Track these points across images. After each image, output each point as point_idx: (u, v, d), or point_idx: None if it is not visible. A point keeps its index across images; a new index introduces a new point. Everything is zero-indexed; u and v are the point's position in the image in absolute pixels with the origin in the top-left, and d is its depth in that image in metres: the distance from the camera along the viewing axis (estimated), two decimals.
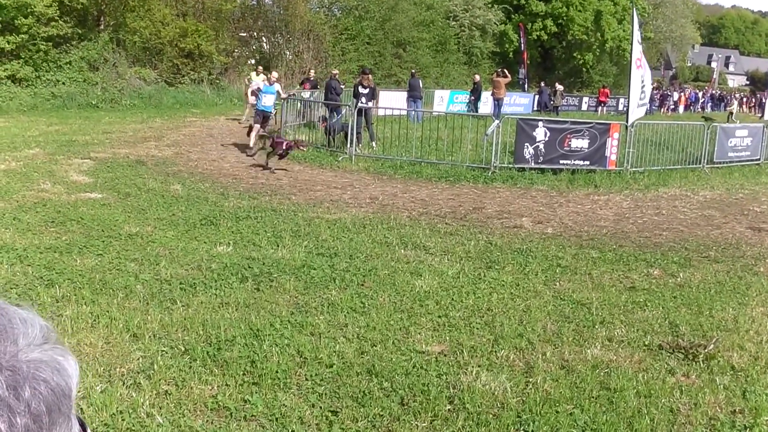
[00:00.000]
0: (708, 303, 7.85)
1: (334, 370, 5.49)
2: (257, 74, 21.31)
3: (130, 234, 9.14)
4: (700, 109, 58.95)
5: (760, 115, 46.77)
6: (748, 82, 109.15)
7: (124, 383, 5.08)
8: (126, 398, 4.88)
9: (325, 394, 5.13)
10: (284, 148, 15.38)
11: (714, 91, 73.68)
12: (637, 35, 17.83)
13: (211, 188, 12.72)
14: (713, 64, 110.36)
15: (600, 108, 43.70)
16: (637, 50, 17.61)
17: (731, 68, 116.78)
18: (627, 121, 17.54)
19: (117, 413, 4.68)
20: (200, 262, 8.09)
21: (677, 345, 6.46)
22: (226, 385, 5.15)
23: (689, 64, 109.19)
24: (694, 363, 6.13)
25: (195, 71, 31.49)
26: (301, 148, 15.89)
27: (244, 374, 5.34)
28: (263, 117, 18.14)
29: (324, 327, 6.36)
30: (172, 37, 31.08)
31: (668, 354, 6.30)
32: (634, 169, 17.03)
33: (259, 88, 19.28)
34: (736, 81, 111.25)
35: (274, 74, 19.68)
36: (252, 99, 20.16)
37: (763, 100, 38.94)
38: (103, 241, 8.73)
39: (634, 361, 6.08)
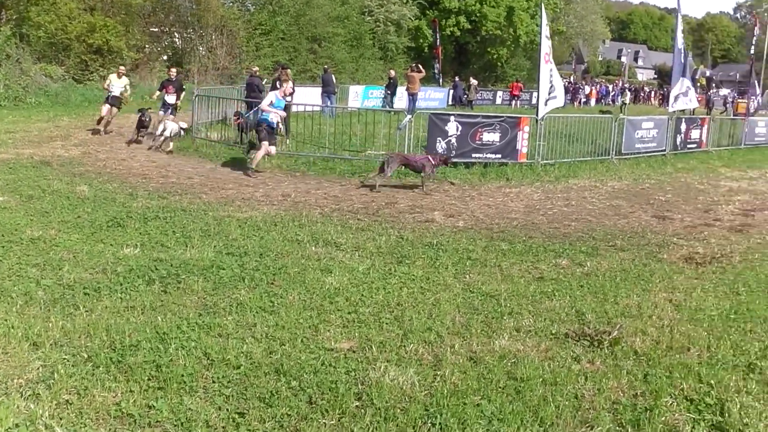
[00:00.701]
0: (613, 290, 8.03)
1: (241, 371, 5.42)
2: (118, 76, 19.75)
3: (32, 238, 8.86)
4: (610, 102, 60.35)
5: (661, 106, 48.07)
6: (656, 76, 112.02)
7: (21, 395, 4.90)
8: (24, 410, 4.71)
9: (232, 396, 5.06)
10: (437, 162, 14.63)
11: (624, 85, 75.37)
12: (545, 31, 18.10)
13: (119, 189, 12.46)
14: (623, 59, 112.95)
15: (513, 102, 44.32)
16: (546, 45, 17.89)
17: (640, 62, 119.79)
18: (537, 115, 17.82)
19: (13, 427, 4.52)
20: (105, 266, 7.90)
21: (583, 333, 6.57)
22: (130, 391, 5.03)
23: (600, 59, 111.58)
24: (599, 349, 6.25)
25: (104, 67, 30.70)
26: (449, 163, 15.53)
27: (149, 379, 5.22)
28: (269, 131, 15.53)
29: (232, 327, 6.28)
30: (79, 33, 30.34)
31: (574, 342, 6.41)
32: (544, 162, 17.33)
33: (122, 93, 19.32)
34: (645, 74, 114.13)
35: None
36: (104, 109, 19.44)
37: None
38: (3, 246, 8.43)
39: (541, 351, 6.16)
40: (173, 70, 20.05)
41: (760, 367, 6.12)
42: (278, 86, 18.90)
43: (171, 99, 18.70)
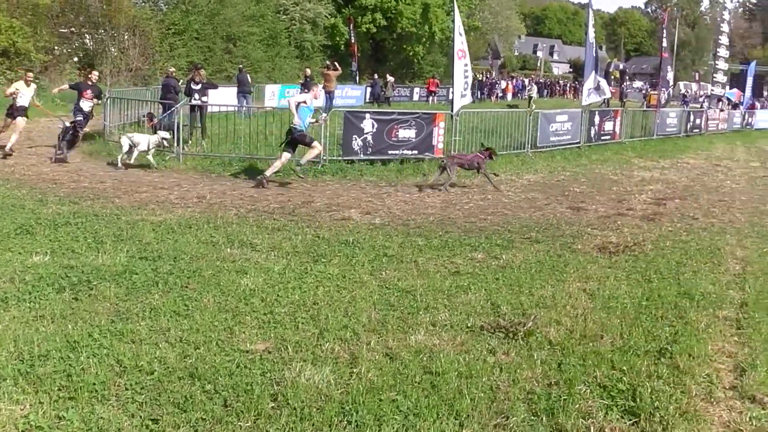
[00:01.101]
0: (528, 282, 8.14)
1: (155, 377, 5.32)
2: (26, 84, 16.98)
3: None
4: (527, 97, 61.23)
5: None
6: (571, 70, 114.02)
7: None
8: None
9: (146, 402, 4.96)
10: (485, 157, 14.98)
11: (541, 79, 76.57)
12: (459, 27, 18.24)
13: (28, 195, 12.11)
14: (539, 53, 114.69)
15: (430, 98, 44.61)
16: (459, 41, 18.03)
17: (555, 57, 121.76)
18: (452, 110, 17.96)
19: None
20: (13, 275, 7.66)
21: (498, 325, 6.64)
22: (40, 402, 4.88)
23: (516, 54, 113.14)
24: (514, 341, 6.32)
25: (11, 70, 29.84)
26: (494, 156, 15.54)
27: (59, 390, 5.08)
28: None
29: (145, 333, 6.15)
30: None
31: (490, 334, 6.46)
32: None
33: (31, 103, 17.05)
34: (560, 68, 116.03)
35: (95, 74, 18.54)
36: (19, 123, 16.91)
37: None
38: None
39: (456, 344, 6.20)
40: (94, 73, 18.55)
41: (670, 352, 6.27)
42: (192, 86, 18.67)
43: (87, 105, 17.04)
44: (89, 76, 18.30)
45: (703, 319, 7.27)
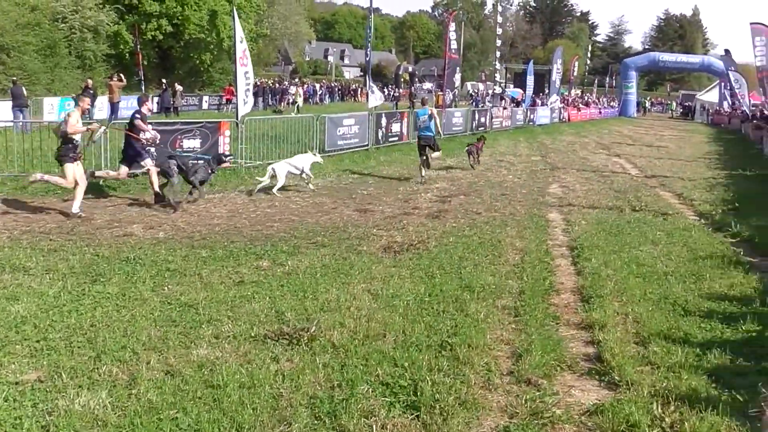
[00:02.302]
0: (313, 287, 8.19)
1: None
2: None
3: None
4: (318, 101, 61.70)
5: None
6: (362, 73, 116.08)
7: None
8: None
9: None
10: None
11: (332, 84, 77.34)
12: (239, 33, 18.09)
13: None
14: (330, 58, 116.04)
15: (226, 106, 44.06)
16: (240, 48, 17.90)
17: (346, 61, 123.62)
18: (237, 118, 17.81)
19: None
20: None
21: (282, 332, 6.64)
22: None
23: (308, 59, 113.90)
24: (298, 347, 6.35)
25: None
26: None
27: None
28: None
29: None
30: None
31: (274, 342, 6.46)
32: (248, 165, 17.34)
33: None
34: (351, 72, 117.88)
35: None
36: None
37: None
38: None
39: (239, 355, 6.14)
40: None
41: (451, 345, 6.51)
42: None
43: None
44: None
45: (483, 309, 7.61)
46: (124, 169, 13.77)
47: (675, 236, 11.96)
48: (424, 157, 17.46)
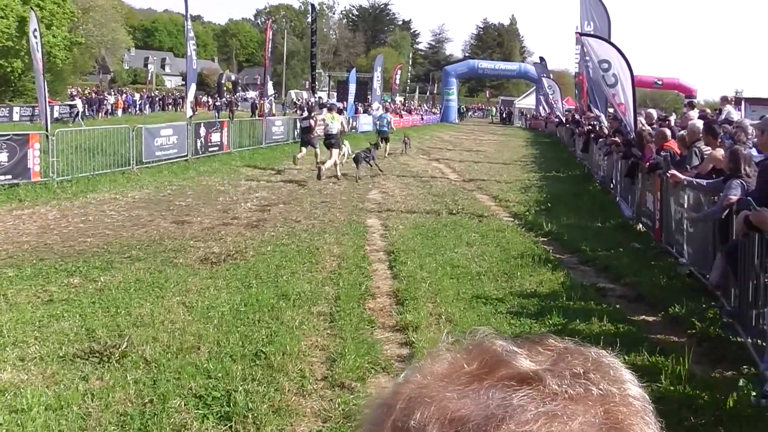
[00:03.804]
0: (126, 302, 8.02)
1: None
2: None
3: None
4: (138, 112, 60.14)
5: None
6: (183, 82, 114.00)
7: None
8: None
9: None
10: None
11: (153, 94, 75.59)
12: (34, 43, 17.42)
13: None
14: (150, 67, 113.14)
15: (37, 118, 42.25)
16: (36, 58, 17.27)
17: (167, 69, 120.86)
18: (46, 130, 17.16)
19: None
20: None
21: (92, 350, 6.49)
22: None
23: (127, 68, 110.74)
24: (108, 364, 6.22)
25: None
26: None
27: None
28: None
29: None
30: None
31: (83, 361, 6.30)
32: (60, 178, 16.72)
33: None
34: (173, 81, 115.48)
35: None
36: None
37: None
38: None
39: (46, 377, 5.96)
40: None
41: (265, 353, 6.56)
42: None
43: None
44: None
45: (298, 317, 7.70)
46: None
47: (489, 237, 12.50)
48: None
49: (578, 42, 30.74)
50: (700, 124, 11.66)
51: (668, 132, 13.22)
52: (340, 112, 25.77)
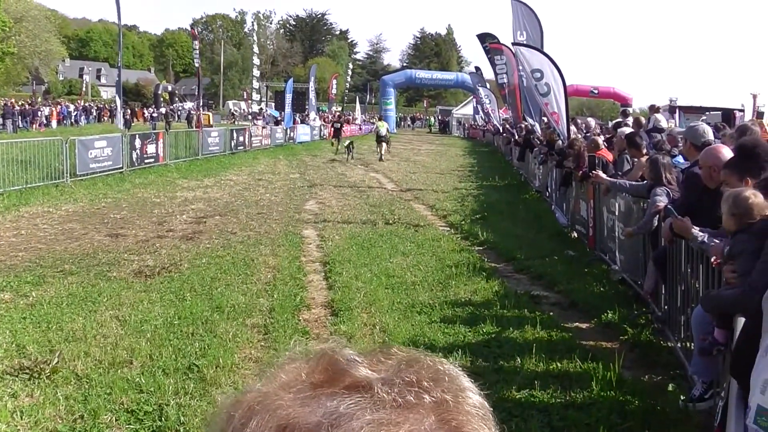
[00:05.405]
0: (58, 317, 7.94)
1: None
2: None
3: None
4: (74, 123, 59.27)
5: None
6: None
7: None
8: None
9: None
10: None
11: (88, 104, 74.56)
12: None
13: None
14: (85, 77, 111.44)
15: None
16: None
17: (103, 80, 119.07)
18: None
19: None
20: None
21: (22, 366, 6.43)
22: None
23: (62, 78, 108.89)
24: (38, 380, 6.17)
25: None
26: None
27: None
28: None
29: None
30: None
31: (13, 378, 6.24)
32: None
33: None
34: (109, 92, 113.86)
35: None
36: None
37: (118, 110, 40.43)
38: None
39: None
40: None
41: (198, 366, 6.57)
42: None
43: None
44: None
45: (232, 329, 7.72)
46: None
47: (425, 247, 12.62)
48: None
49: (502, 53, 31.08)
50: (629, 131, 11.95)
51: (600, 140, 13.54)
52: (381, 119, 43.09)
